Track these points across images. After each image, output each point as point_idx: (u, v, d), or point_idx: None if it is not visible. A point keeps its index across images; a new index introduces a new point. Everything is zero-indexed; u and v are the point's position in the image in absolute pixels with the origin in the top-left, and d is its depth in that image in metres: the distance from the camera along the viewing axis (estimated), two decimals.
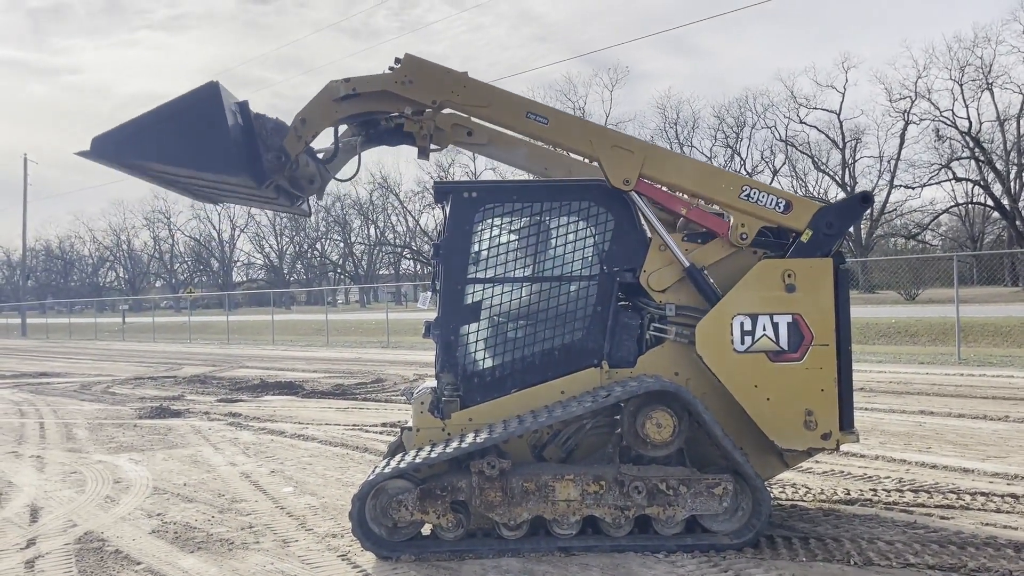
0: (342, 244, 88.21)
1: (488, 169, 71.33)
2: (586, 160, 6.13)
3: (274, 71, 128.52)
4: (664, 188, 5.86)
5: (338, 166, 6.62)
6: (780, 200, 5.70)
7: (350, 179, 6.69)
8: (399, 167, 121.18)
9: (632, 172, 5.74)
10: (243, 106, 5.98)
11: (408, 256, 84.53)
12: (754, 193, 5.70)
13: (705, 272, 5.69)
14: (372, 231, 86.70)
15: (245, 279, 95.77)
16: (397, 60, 6.00)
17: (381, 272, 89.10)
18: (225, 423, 11.66)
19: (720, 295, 5.61)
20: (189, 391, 16.16)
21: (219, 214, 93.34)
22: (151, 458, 9.17)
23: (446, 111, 6.12)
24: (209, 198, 7.38)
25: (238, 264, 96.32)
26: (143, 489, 7.62)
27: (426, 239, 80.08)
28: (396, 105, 6.05)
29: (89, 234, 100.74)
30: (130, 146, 5.83)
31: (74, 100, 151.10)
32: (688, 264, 5.67)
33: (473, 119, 6.16)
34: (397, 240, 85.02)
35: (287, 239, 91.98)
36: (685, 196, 5.90)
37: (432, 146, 6.24)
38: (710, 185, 5.79)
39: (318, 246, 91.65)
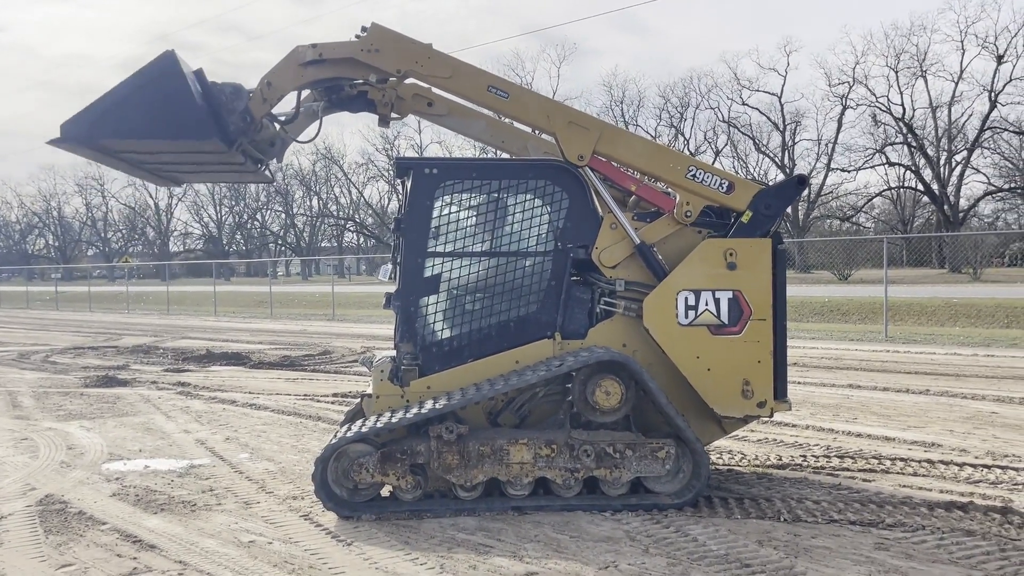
0: (283, 215, 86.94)
1: (435, 143, 71.04)
2: (542, 134, 6.38)
3: (214, 36, 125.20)
4: (616, 165, 6.15)
5: (299, 129, 6.78)
6: (723, 181, 6.05)
7: (311, 140, 6.85)
8: (343, 138, 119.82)
9: (587, 148, 6.02)
10: (199, 74, 6.12)
11: (351, 228, 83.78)
12: (699, 173, 6.04)
13: (654, 249, 6.02)
14: (314, 202, 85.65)
15: (182, 249, 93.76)
16: (364, 28, 6.17)
17: (323, 244, 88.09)
18: (174, 392, 11.70)
19: (668, 271, 5.95)
20: (133, 361, 16.04)
21: None
22: (102, 425, 9.21)
23: (408, 81, 6.30)
24: (174, 179, 7.46)
25: (175, 234, 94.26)
26: (98, 455, 7.71)
27: (370, 211, 79.47)
28: (361, 72, 6.21)
29: (17, 199, 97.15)
30: (100, 126, 5.91)
31: (1, 60, 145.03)
32: (639, 241, 5.99)
33: (434, 90, 6.36)
34: (340, 212, 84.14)
35: (227, 209, 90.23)
36: (635, 174, 6.21)
37: (393, 115, 6.43)
38: (659, 164, 6.11)
39: (258, 217, 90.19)
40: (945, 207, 54.90)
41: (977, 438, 7.77)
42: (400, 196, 6.48)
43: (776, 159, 63.32)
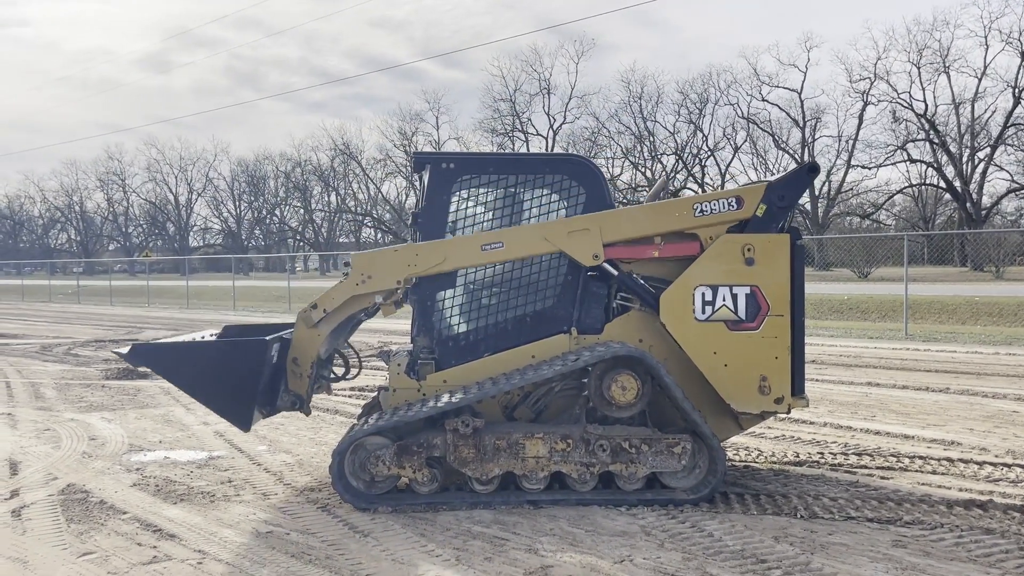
0: (302, 211, 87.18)
1: (452, 139, 71.11)
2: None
3: (233, 31, 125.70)
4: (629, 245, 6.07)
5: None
6: (731, 199, 6.01)
7: (355, 376, 7.05)
8: (361, 134, 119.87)
9: (596, 246, 5.99)
10: (279, 340, 6.19)
11: (369, 224, 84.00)
12: (706, 206, 6.00)
13: (635, 276, 6.02)
14: (333, 198, 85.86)
15: (202, 244, 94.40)
16: (346, 263, 6.26)
17: (341, 240, 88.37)
18: None
19: (653, 293, 5.94)
20: None
21: (176, 177, 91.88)
22: (123, 417, 9.32)
23: None
24: None
25: (195, 229, 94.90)
26: (119, 445, 7.80)
27: (388, 207, 79.65)
28: (367, 301, 6.26)
29: (40, 194, 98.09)
30: (165, 363, 6.19)
31: (22, 54, 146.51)
32: (617, 274, 5.99)
33: None
34: (358, 207, 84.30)
35: (246, 204, 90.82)
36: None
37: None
38: (666, 220, 6.05)
39: (277, 212, 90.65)
40: (967, 204, 54.29)
41: (997, 437, 7.71)
42: (418, 191, 6.49)
43: (796, 155, 62.84)
